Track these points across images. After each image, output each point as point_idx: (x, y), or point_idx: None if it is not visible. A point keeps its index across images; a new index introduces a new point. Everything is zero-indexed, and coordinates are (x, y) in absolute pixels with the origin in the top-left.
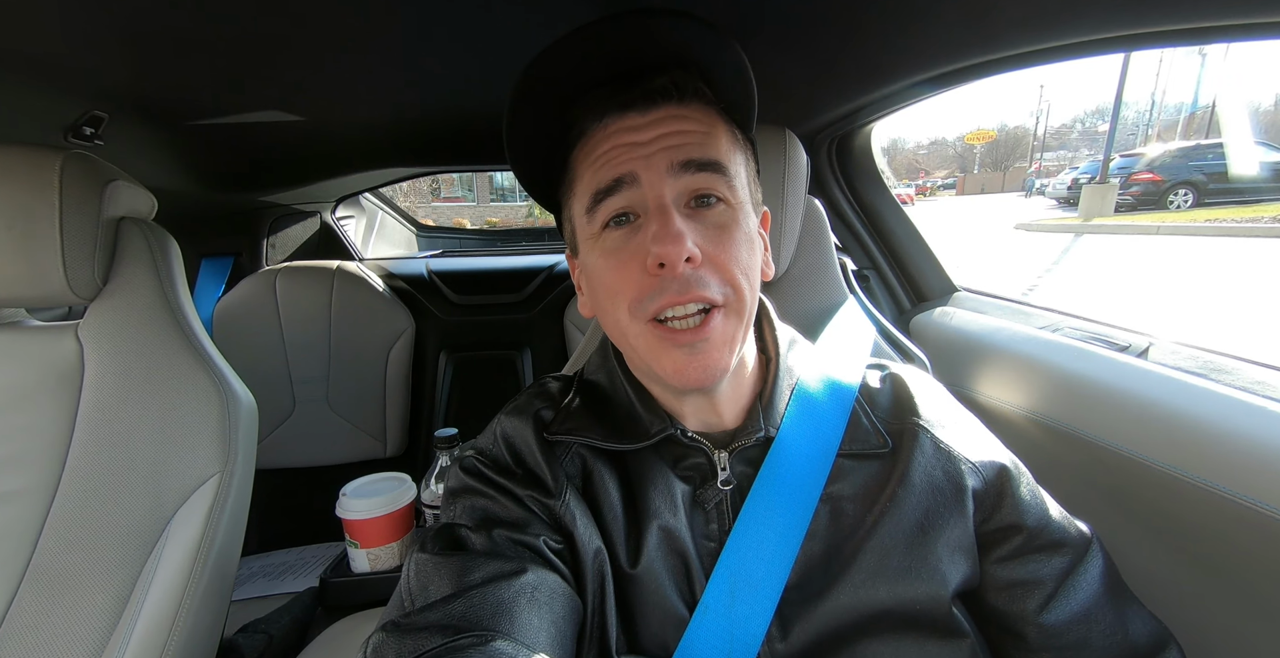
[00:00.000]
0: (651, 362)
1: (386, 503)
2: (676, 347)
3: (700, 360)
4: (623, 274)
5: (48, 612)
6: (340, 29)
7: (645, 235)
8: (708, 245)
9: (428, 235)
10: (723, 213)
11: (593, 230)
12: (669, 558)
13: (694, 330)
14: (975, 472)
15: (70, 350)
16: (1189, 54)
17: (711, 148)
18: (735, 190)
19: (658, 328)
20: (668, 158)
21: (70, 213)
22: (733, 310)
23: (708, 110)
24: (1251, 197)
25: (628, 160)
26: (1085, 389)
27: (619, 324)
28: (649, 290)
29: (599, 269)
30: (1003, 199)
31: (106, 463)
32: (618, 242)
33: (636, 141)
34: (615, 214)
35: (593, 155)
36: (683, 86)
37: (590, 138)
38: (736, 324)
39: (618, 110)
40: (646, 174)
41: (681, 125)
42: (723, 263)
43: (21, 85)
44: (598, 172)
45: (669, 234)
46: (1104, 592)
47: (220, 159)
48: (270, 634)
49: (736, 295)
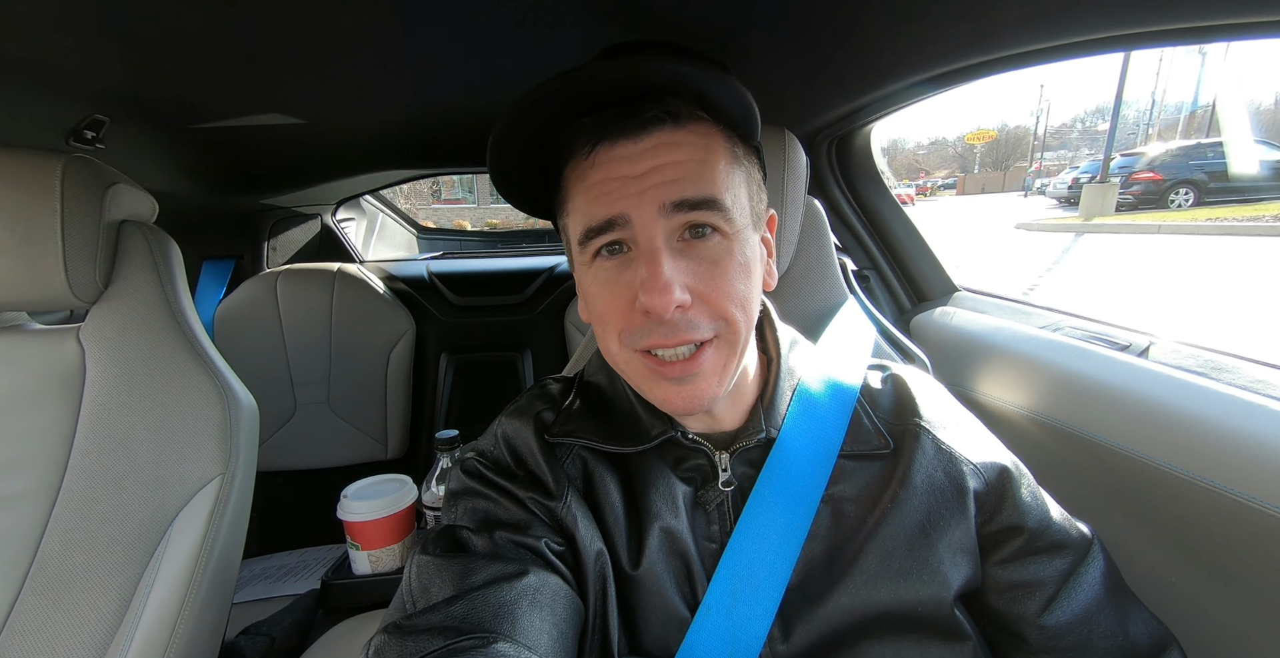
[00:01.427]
0: (641, 389)
1: (388, 505)
2: (666, 379)
3: (689, 391)
4: (613, 305)
5: (50, 615)
6: (340, 32)
7: (635, 273)
8: (699, 284)
9: (428, 237)
10: (717, 245)
11: (585, 258)
12: (670, 559)
13: (684, 364)
14: (977, 473)
15: (72, 353)
16: (1189, 53)
17: (705, 181)
18: (732, 220)
19: (647, 358)
20: (659, 197)
21: (72, 216)
22: (725, 342)
23: (705, 131)
24: (1252, 195)
25: (619, 199)
26: (1086, 389)
27: (609, 349)
28: (638, 327)
29: (591, 294)
30: (1003, 199)
31: (108, 466)
32: (609, 273)
33: (628, 175)
34: (606, 245)
35: (585, 182)
36: (676, 113)
37: (579, 163)
38: (729, 354)
39: (610, 139)
40: (638, 214)
41: (675, 154)
42: (714, 300)
43: (23, 89)
44: (589, 205)
45: (657, 285)
46: (1105, 593)
47: (221, 162)
48: (272, 636)
49: (730, 328)
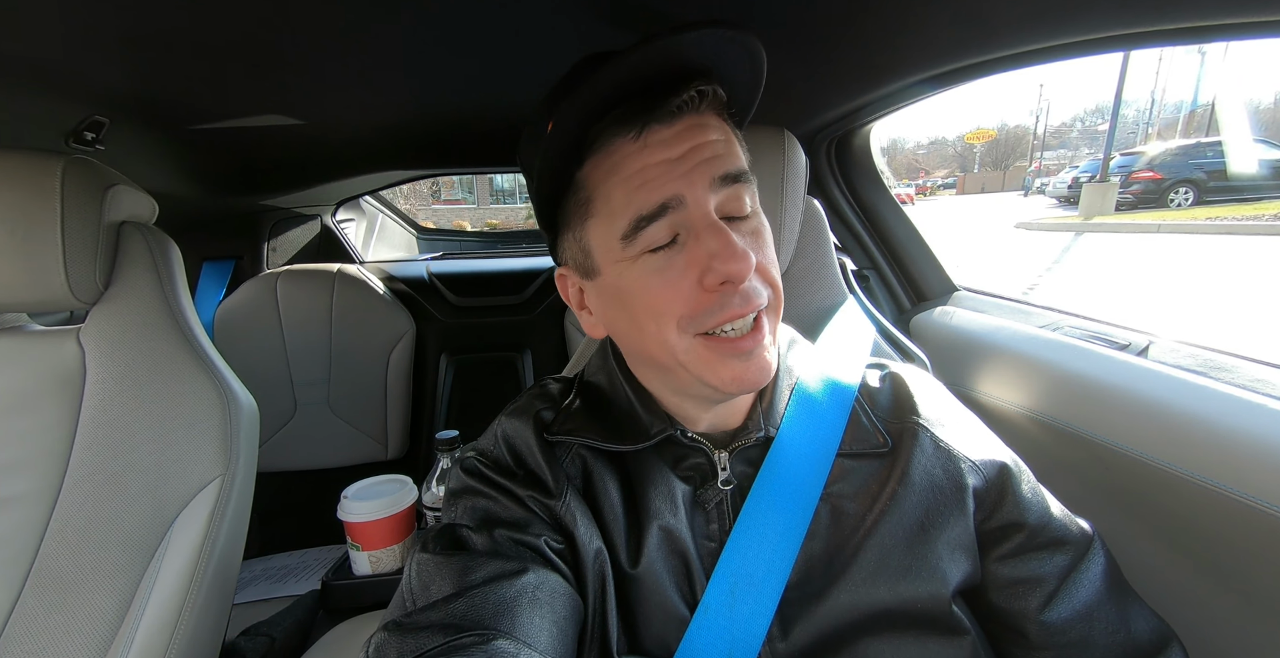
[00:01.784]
0: (705, 374)
1: (388, 505)
2: (735, 356)
3: (756, 363)
4: (672, 292)
5: (50, 616)
6: (340, 33)
7: (697, 253)
8: (752, 252)
9: (428, 238)
10: (753, 218)
11: (630, 254)
12: (670, 558)
13: (751, 335)
14: (975, 470)
15: (72, 355)
16: (1188, 52)
17: (737, 157)
18: (755, 195)
19: (709, 340)
20: (707, 173)
21: (71, 217)
22: (773, 310)
23: (718, 112)
24: (1252, 195)
25: (669, 181)
26: (1085, 388)
27: (666, 342)
28: (705, 306)
29: (639, 290)
30: (1003, 198)
31: (108, 467)
32: (662, 261)
33: (670, 158)
34: (658, 243)
35: (622, 174)
36: (705, 95)
37: (612, 154)
38: (775, 321)
39: (645, 126)
40: (691, 193)
41: (706, 135)
42: (764, 268)
43: (22, 90)
44: (634, 193)
45: (735, 252)
46: (1105, 590)
47: (221, 163)
48: (272, 637)
49: (776, 296)
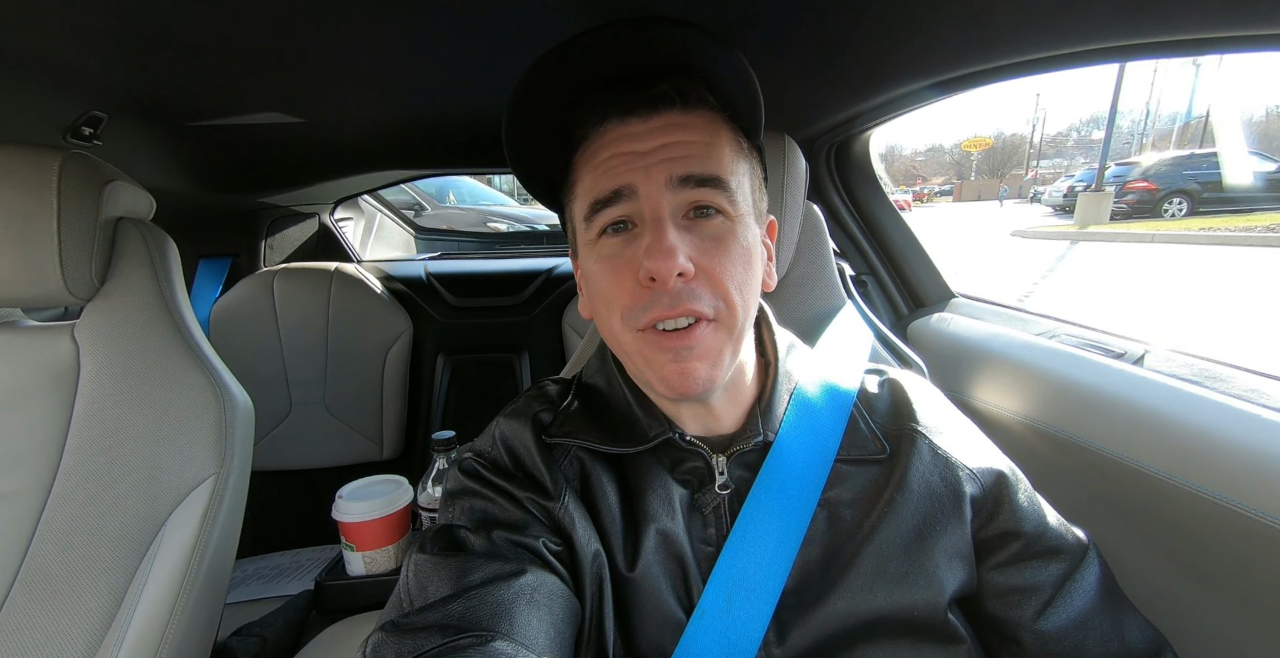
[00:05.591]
0: (644, 369)
1: (383, 506)
2: (663, 350)
3: (684, 368)
4: (616, 282)
5: (41, 613)
6: (339, 31)
7: (640, 247)
8: (702, 258)
9: (426, 237)
10: (720, 225)
11: (590, 236)
12: (666, 562)
13: (680, 334)
14: (973, 478)
15: (66, 351)
16: (1183, 64)
17: (713, 161)
18: (736, 203)
19: (649, 334)
20: (667, 171)
21: (68, 213)
22: (723, 325)
23: (712, 118)
24: (1245, 206)
25: (627, 172)
26: (1081, 396)
27: (612, 331)
28: (640, 301)
29: (595, 275)
30: (998, 205)
31: (101, 464)
32: (613, 249)
33: (637, 151)
34: (613, 222)
35: (593, 161)
36: (686, 93)
37: (591, 143)
38: (725, 339)
39: (619, 116)
40: (645, 186)
41: (683, 135)
42: (716, 276)
43: (21, 85)
44: (597, 180)
45: (661, 249)
46: (1100, 598)
47: (219, 160)
48: (264, 638)
49: (728, 310)
